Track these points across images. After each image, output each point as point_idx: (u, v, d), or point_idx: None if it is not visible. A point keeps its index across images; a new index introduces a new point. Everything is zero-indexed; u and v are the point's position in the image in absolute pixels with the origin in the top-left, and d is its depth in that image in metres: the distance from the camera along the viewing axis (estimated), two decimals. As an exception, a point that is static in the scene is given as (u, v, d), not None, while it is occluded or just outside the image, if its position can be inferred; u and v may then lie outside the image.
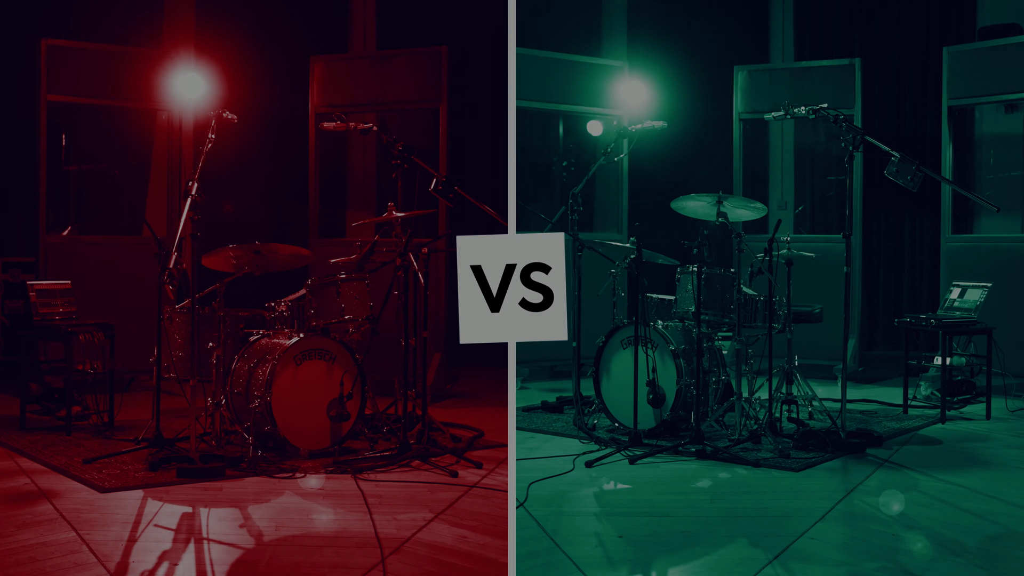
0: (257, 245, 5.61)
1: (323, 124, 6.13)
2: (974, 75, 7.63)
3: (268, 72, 8.83)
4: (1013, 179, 8.76)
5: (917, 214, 9.32)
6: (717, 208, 5.79)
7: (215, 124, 5.46)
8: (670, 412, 5.78)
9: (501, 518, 4.40)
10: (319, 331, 5.66)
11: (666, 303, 6.21)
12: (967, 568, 3.75)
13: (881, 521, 4.34)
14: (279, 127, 8.70)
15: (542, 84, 8.05)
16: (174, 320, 5.71)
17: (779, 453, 5.40)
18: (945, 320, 6.64)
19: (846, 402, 5.73)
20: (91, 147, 8.37)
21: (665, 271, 6.36)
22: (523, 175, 9.12)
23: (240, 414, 5.54)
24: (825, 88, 7.96)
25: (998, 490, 4.84)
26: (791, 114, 5.90)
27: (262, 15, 8.90)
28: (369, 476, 5.08)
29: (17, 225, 8.50)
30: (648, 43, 9.46)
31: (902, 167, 5.42)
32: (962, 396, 6.78)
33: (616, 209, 8.42)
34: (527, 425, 6.27)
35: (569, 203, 6.45)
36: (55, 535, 4.09)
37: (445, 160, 7.57)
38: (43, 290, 6.43)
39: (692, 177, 8.97)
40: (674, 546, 4.04)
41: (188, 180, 5.17)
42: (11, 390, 7.23)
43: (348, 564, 3.80)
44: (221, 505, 4.58)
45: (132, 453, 5.42)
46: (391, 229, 5.79)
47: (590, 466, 5.26)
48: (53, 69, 7.31)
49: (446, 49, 7.66)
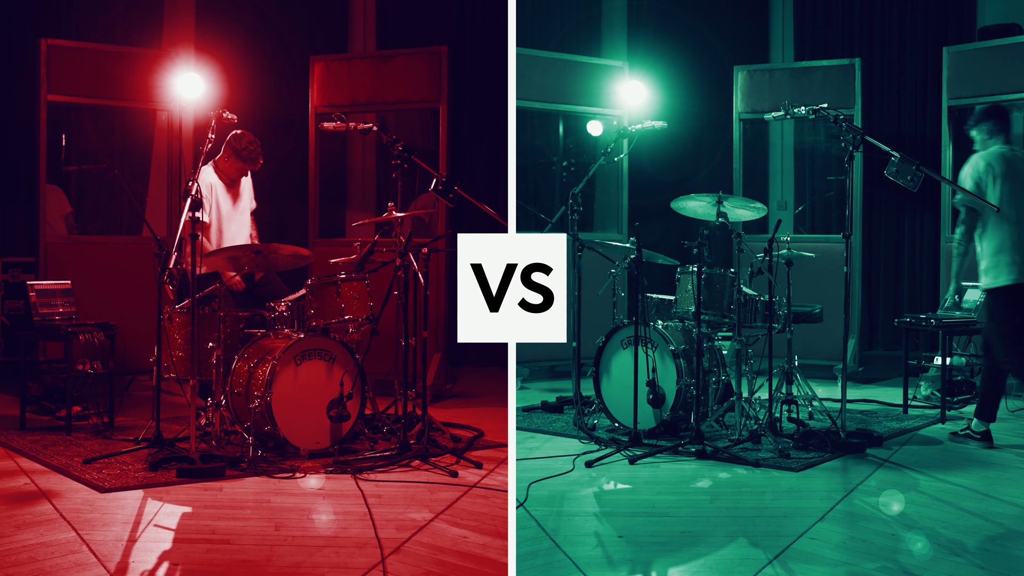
0: (257, 245, 5.61)
1: (323, 124, 6.13)
2: (974, 75, 7.63)
3: (268, 72, 8.83)
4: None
5: (917, 214, 9.32)
6: (717, 208, 5.79)
7: (215, 124, 5.46)
8: (670, 412, 5.78)
9: (501, 518, 4.40)
10: (319, 331, 5.66)
11: (666, 303, 6.21)
12: (967, 568, 3.75)
13: (881, 521, 4.34)
14: (279, 127, 8.69)
15: (542, 84, 8.05)
16: (174, 320, 5.71)
17: (779, 453, 5.40)
18: (945, 320, 6.64)
19: (846, 402, 5.73)
20: (91, 147, 8.37)
21: (665, 271, 6.36)
22: (523, 175, 9.12)
23: (240, 414, 5.54)
24: (825, 88, 7.96)
25: (998, 490, 4.85)
26: (791, 114, 5.90)
27: (262, 15, 8.91)
28: (369, 476, 5.08)
29: (17, 225, 8.50)
30: (648, 43, 9.46)
31: (902, 167, 5.42)
32: (962, 396, 6.78)
33: (616, 209, 8.42)
34: (527, 425, 6.27)
35: (569, 203, 6.45)
36: (55, 535, 4.09)
37: (445, 160, 7.56)
38: (43, 290, 6.43)
39: (692, 177, 8.98)
40: (674, 546, 4.04)
41: (188, 180, 5.17)
42: (11, 390, 7.23)
43: (348, 564, 3.80)
44: (221, 505, 4.58)
45: (132, 453, 5.42)
46: (391, 229, 5.79)
47: (590, 466, 5.26)
48: (53, 69, 7.31)
49: (446, 49, 7.66)
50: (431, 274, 6.15)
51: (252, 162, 6.34)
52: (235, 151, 6.29)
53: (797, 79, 8.19)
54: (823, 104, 5.84)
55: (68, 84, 7.39)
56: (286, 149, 8.53)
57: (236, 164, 6.32)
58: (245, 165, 6.33)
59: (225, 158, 6.34)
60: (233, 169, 6.34)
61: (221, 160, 6.37)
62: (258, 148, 6.34)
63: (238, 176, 6.40)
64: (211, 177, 6.35)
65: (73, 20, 8.46)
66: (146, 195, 8.50)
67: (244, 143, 6.29)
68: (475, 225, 8.43)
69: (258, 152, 6.33)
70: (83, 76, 7.44)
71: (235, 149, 6.29)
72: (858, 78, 7.97)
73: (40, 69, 7.26)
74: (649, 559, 3.92)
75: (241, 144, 6.28)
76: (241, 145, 6.28)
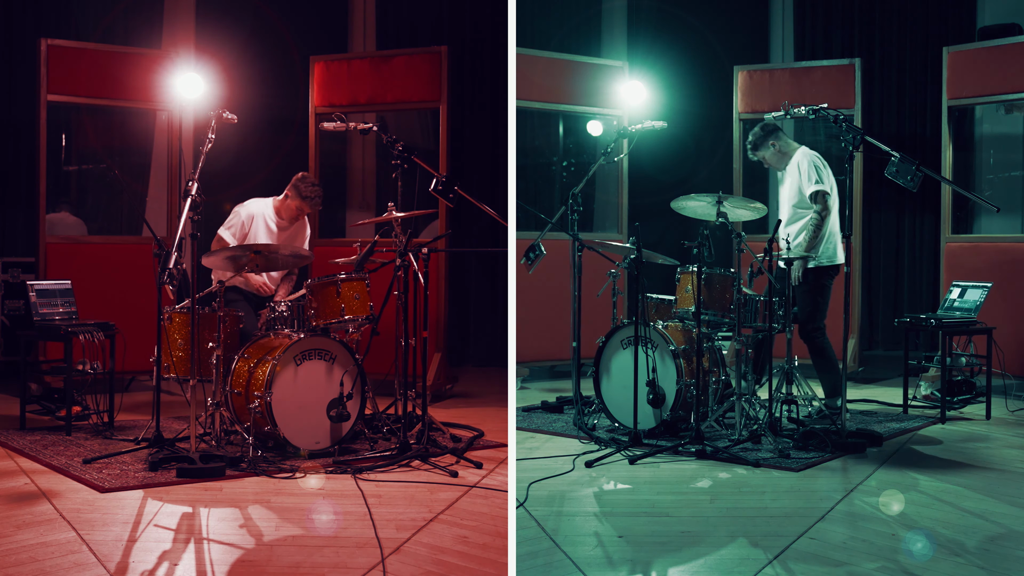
0: (257, 245, 5.61)
1: (323, 124, 6.13)
2: (974, 75, 7.63)
3: (268, 72, 8.84)
4: (1013, 179, 8.77)
5: (917, 214, 9.33)
6: (717, 208, 5.78)
7: (215, 124, 5.46)
8: (670, 412, 5.78)
9: (501, 518, 4.40)
10: (319, 331, 5.66)
11: (666, 303, 6.21)
12: (967, 568, 3.75)
13: (881, 521, 4.34)
14: (279, 127, 8.70)
15: (542, 84, 8.05)
16: (174, 320, 5.71)
17: (779, 453, 5.40)
18: (945, 320, 6.64)
19: (846, 402, 5.73)
20: (91, 147, 8.37)
21: (665, 271, 6.36)
22: (523, 175, 9.13)
23: (240, 414, 5.54)
24: (825, 88, 7.96)
25: (998, 490, 4.85)
26: (791, 114, 5.90)
27: (262, 15, 8.91)
28: (369, 476, 5.08)
29: (17, 225, 8.51)
30: (648, 43, 9.46)
31: (902, 167, 5.42)
32: (962, 396, 6.78)
33: (616, 209, 8.42)
34: (527, 425, 6.27)
35: (569, 203, 6.45)
36: (55, 535, 4.09)
37: (445, 160, 7.57)
38: (43, 290, 6.43)
39: (692, 177, 8.99)
40: (674, 546, 4.04)
41: (188, 180, 5.17)
42: (11, 390, 7.24)
43: (348, 564, 3.80)
44: (221, 505, 4.58)
45: (132, 453, 5.42)
46: (391, 229, 5.79)
47: (590, 466, 5.26)
48: (53, 69, 7.31)
49: (446, 49, 7.66)
50: (431, 274, 6.15)
51: (313, 204, 6.37)
52: (299, 191, 6.30)
53: (797, 79, 8.19)
54: (823, 104, 5.84)
55: (68, 84, 7.39)
56: (286, 149, 8.53)
57: (296, 203, 6.32)
58: (303, 204, 6.32)
59: (289, 196, 6.33)
60: (293, 207, 6.33)
61: (284, 198, 6.36)
62: (320, 192, 6.38)
63: (297, 215, 6.38)
64: (259, 208, 6.34)
65: (73, 20, 8.46)
66: (146, 195, 8.50)
67: (309, 184, 6.32)
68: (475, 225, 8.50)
69: (319, 196, 6.37)
70: (83, 76, 7.44)
71: (299, 189, 6.30)
72: (858, 78, 7.97)
73: (40, 69, 7.26)
74: (649, 559, 3.92)
75: (305, 184, 6.31)
76: (305, 185, 6.31)
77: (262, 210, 6.34)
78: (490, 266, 9.38)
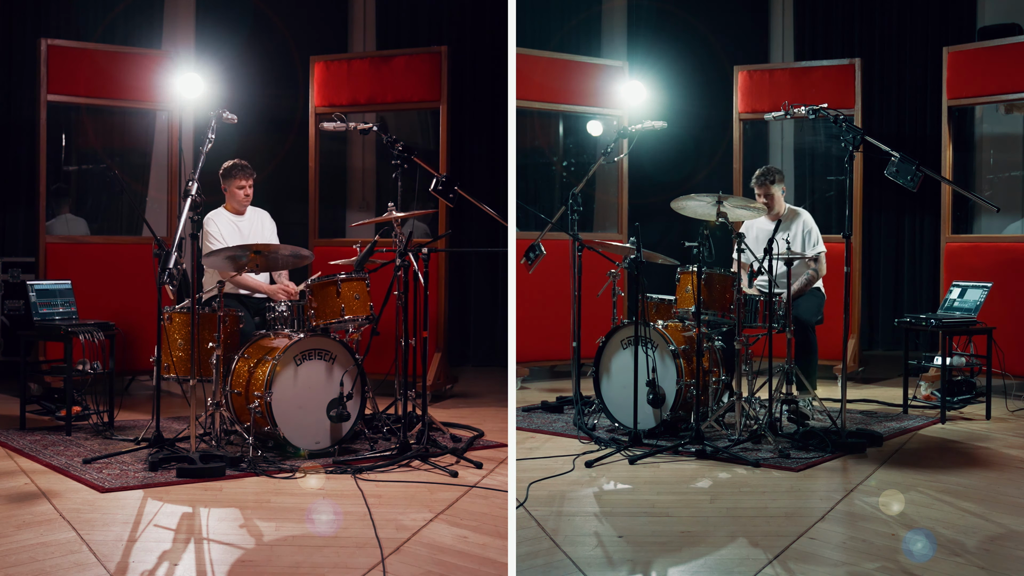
0: (257, 245, 5.61)
1: (323, 124, 6.13)
2: (974, 75, 7.63)
3: (268, 72, 8.83)
4: (1013, 179, 8.77)
5: (917, 214, 9.32)
6: (717, 208, 5.78)
7: (215, 124, 5.46)
8: (670, 412, 5.78)
9: (501, 518, 4.40)
10: (319, 331, 5.66)
11: (666, 303, 6.21)
12: (967, 568, 3.75)
13: (881, 521, 4.34)
14: (279, 127, 8.70)
15: (542, 84, 8.05)
16: (174, 320, 5.71)
17: (779, 453, 5.40)
18: (945, 320, 6.63)
19: (846, 402, 5.73)
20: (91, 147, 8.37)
21: (665, 271, 6.36)
22: (523, 175, 9.12)
23: (240, 414, 5.54)
24: (825, 88, 7.96)
25: (998, 490, 4.84)
26: (791, 114, 5.90)
27: (262, 15, 8.91)
28: (369, 476, 5.08)
29: (17, 225, 8.51)
30: (648, 43, 9.46)
31: (902, 167, 5.42)
32: (962, 396, 6.78)
33: (616, 209, 8.42)
34: (527, 425, 6.27)
35: (569, 203, 6.45)
36: (55, 535, 4.09)
37: (445, 160, 7.57)
38: (43, 290, 6.43)
39: (692, 177, 8.99)
40: (674, 546, 4.04)
41: (188, 180, 5.17)
42: (11, 390, 7.24)
43: (348, 564, 3.80)
44: (221, 505, 4.58)
45: (132, 453, 5.42)
46: (391, 229, 5.79)
47: (590, 466, 5.26)
48: (53, 69, 7.31)
49: (446, 49, 7.66)
50: (431, 274, 6.15)
51: (240, 173, 6.30)
52: (225, 176, 6.32)
53: (797, 79, 8.18)
54: (823, 104, 5.84)
55: (68, 84, 7.39)
56: (286, 149, 8.53)
57: (231, 187, 6.28)
58: (235, 181, 6.28)
59: (225, 189, 6.34)
60: (234, 192, 6.30)
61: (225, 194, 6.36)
62: (238, 161, 6.35)
63: (243, 199, 6.33)
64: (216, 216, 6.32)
65: (73, 20, 8.46)
66: (146, 195, 8.50)
67: (225, 167, 6.33)
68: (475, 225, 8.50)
69: (240, 164, 6.33)
70: (83, 76, 7.44)
71: (223, 175, 6.33)
72: (858, 78, 7.97)
73: (40, 69, 7.26)
74: (649, 559, 3.92)
75: (223, 168, 6.33)
76: (223, 169, 6.33)
77: (219, 216, 6.32)
78: (490, 266, 9.38)
